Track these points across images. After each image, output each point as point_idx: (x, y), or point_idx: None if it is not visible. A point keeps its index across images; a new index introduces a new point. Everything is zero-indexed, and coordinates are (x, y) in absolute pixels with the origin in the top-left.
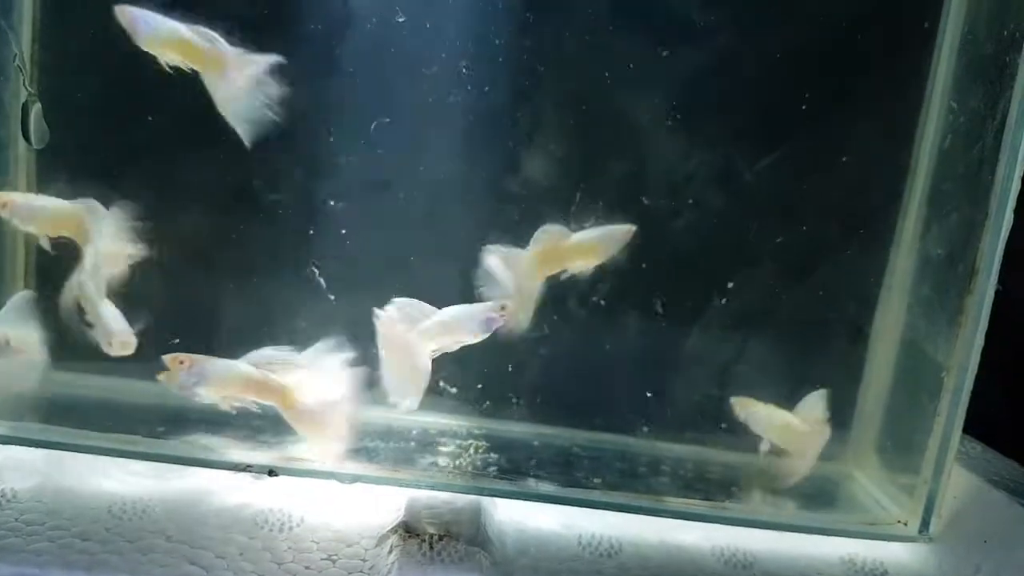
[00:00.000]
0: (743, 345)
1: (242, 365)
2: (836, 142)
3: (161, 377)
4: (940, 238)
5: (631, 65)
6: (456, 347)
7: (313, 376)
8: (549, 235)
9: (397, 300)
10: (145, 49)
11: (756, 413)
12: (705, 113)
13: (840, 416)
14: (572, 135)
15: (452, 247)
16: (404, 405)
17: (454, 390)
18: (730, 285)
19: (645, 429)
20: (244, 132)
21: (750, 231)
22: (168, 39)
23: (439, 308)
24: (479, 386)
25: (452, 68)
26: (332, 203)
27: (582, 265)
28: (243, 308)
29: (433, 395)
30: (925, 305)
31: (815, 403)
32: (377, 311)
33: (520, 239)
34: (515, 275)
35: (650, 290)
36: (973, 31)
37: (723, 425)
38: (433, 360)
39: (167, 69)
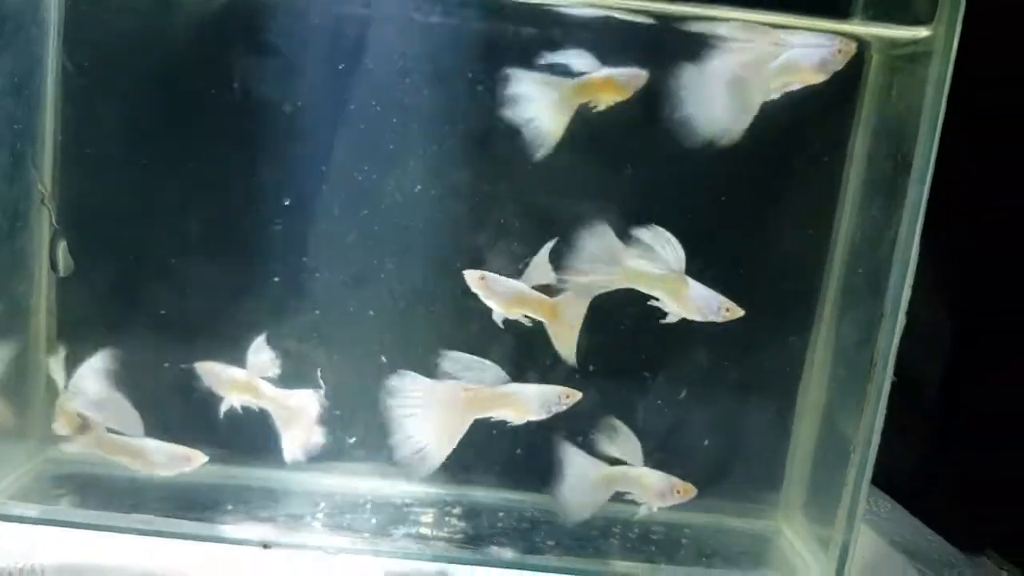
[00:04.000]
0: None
1: None
2: (763, 233)
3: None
4: (852, 326)
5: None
6: None
7: None
8: None
9: None
10: None
11: None
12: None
13: (772, 477)
14: None
15: None
16: None
17: None
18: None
19: None
20: None
21: None
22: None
23: None
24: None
25: None
26: None
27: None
28: None
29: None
30: (840, 384)
31: None
32: None
33: None
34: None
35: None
36: (876, 147)
37: None
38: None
39: None
